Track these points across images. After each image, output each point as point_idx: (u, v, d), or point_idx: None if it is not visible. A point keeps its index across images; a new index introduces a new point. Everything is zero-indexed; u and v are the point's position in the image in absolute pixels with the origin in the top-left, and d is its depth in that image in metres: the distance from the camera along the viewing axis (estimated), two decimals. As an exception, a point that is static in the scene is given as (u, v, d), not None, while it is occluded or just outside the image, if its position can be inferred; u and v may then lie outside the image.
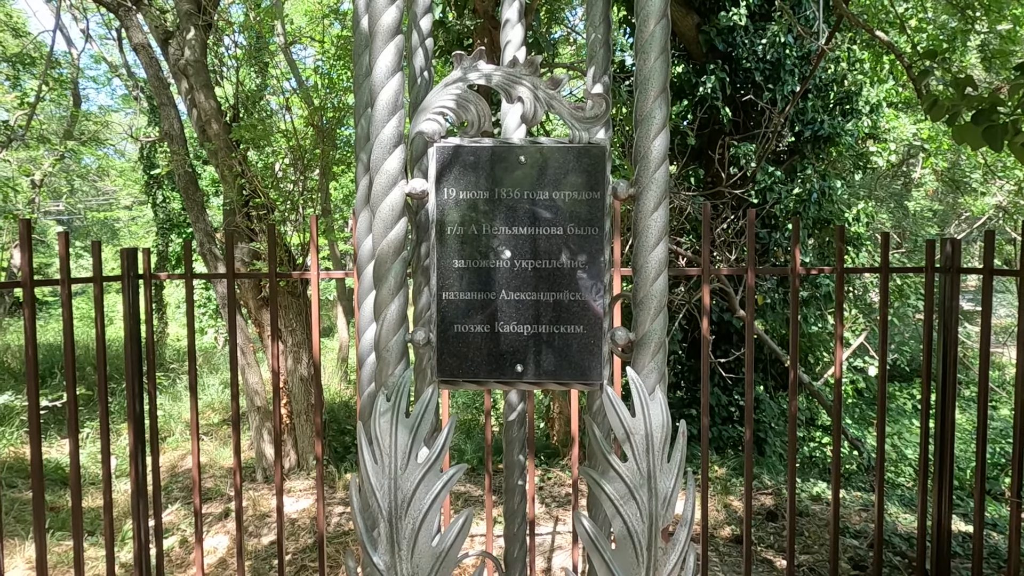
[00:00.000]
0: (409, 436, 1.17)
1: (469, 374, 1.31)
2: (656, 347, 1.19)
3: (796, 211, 6.73)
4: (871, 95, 7.18)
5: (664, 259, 1.20)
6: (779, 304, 7.09)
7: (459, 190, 1.29)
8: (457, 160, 1.28)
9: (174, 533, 4.93)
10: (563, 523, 4.86)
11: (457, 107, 1.23)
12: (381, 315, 1.19)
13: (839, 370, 3.34)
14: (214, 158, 5.69)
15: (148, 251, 3.21)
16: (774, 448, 6.99)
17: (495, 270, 1.30)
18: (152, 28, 5.75)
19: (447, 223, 1.30)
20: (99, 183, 19.91)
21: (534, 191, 1.29)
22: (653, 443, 1.16)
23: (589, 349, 1.30)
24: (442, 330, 1.31)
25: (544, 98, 1.22)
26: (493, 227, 1.30)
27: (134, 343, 3.31)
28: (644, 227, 1.20)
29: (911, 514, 5.28)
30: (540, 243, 1.30)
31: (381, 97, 1.17)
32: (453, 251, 1.30)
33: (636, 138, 1.21)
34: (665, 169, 1.19)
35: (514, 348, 1.31)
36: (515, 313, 1.30)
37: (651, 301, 1.20)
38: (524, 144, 1.30)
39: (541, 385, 1.32)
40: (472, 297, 1.30)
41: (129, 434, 3.32)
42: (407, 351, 1.24)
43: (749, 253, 3.15)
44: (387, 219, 1.18)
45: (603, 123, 1.26)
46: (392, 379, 1.19)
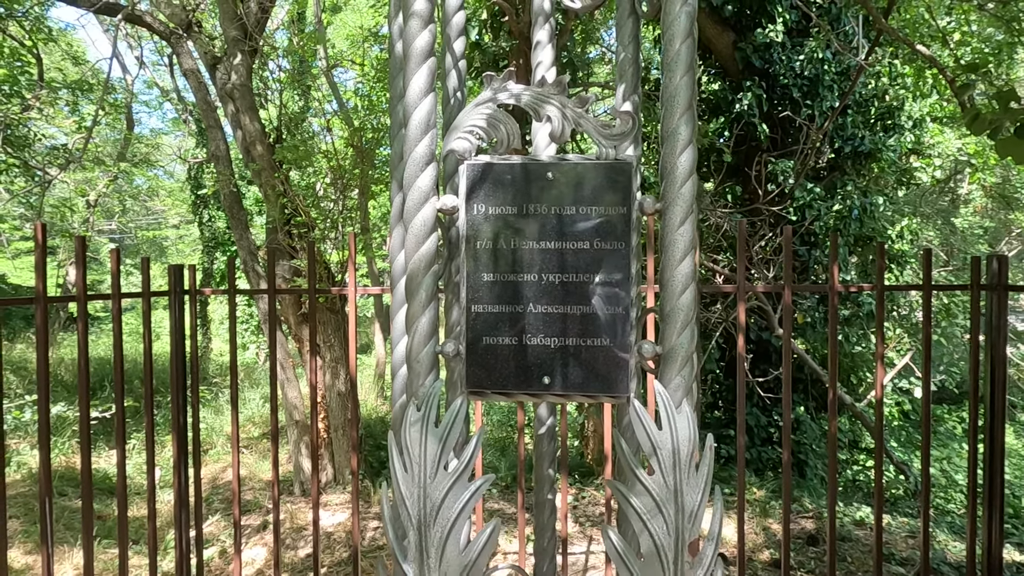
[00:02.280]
0: (438, 446, 1.19)
1: (497, 385, 1.34)
2: (683, 361, 1.20)
3: (836, 228, 6.60)
4: (914, 110, 7.04)
5: (691, 273, 1.20)
6: (820, 323, 6.93)
7: (489, 206, 1.33)
8: (487, 177, 1.32)
9: (214, 544, 5.03)
10: (597, 542, 4.81)
11: (487, 126, 1.27)
12: (412, 327, 1.23)
13: (880, 391, 3.26)
14: (258, 178, 5.88)
15: (193, 268, 3.33)
16: (815, 471, 6.80)
17: (523, 284, 1.33)
18: (201, 54, 5.99)
19: (477, 238, 1.34)
20: (149, 203, 20.68)
21: (562, 207, 1.32)
22: (680, 457, 1.16)
23: (616, 362, 1.31)
24: (471, 342, 1.34)
25: (572, 116, 1.25)
26: (522, 242, 1.33)
27: (179, 357, 3.43)
28: (670, 242, 1.22)
29: (961, 542, 5.08)
30: (567, 258, 1.33)
31: (414, 117, 1.21)
32: (483, 265, 1.34)
33: (662, 154, 1.23)
34: (691, 185, 1.20)
35: (541, 360, 1.33)
36: (543, 326, 1.33)
37: (678, 315, 1.20)
38: (552, 161, 1.33)
39: (568, 398, 1.34)
40: (501, 310, 1.33)
41: (173, 446, 3.42)
42: (438, 362, 1.27)
43: (786, 271, 3.12)
44: (419, 234, 1.22)
45: (630, 140, 1.28)
46: (423, 390, 1.23)
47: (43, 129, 11.51)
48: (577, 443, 7.07)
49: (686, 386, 1.20)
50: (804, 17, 6.59)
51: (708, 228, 6.03)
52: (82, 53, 12.92)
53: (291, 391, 6.05)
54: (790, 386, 3.08)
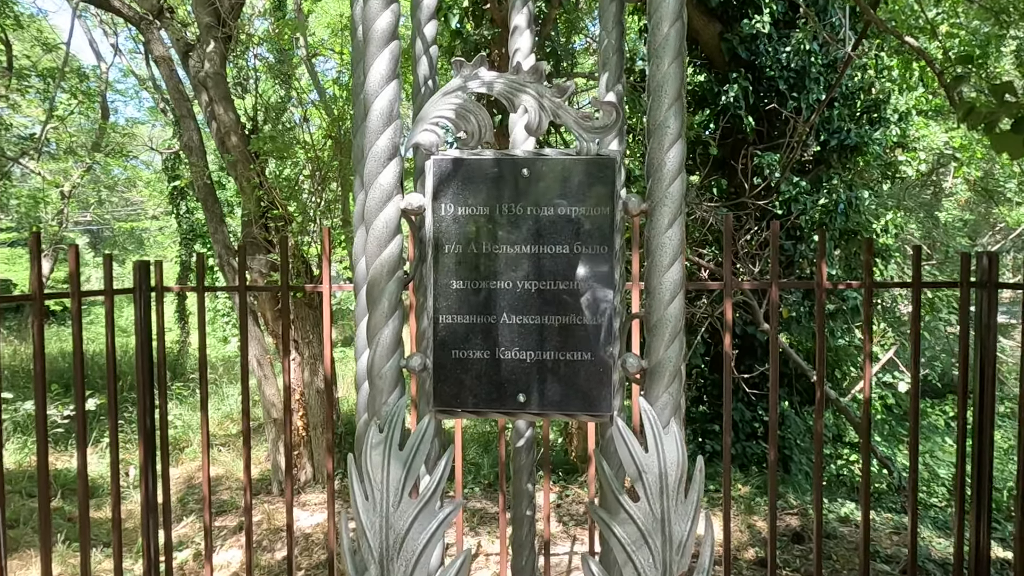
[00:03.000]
0: (402, 470, 1.08)
1: (468, 404, 1.22)
2: (671, 376, 1.09)
3: (822, 222, 6.55)
4: (899, 103, 6.99)
5: (680, 280, 1.10)
6: (805, 317, 6.89)
7: (457, 205, 1.20)
8: (456, 174, 1.20)
9: (189, 546, 4.89)
10: (580, 542, 4.73)
11: (456, 117, 1.15)
12: (374, 340, 1.11)
13: (868, 388, 3.19)
14: (233, 170, 5.70)
15: (160, 264, 3.18)
16: (800, 466, 6.77)
17: (496, 292, 1.21)
18: (173, 41, 5.79)
19: (444, 241, 1.22)
20: (126, 194, 20.24)
21: (538, 206, 1.20)
22: (667, 482, 1.05)
23: (598, 378, 1.20)
24: (439, 356, 1.22)
25: (550, 107, 1.13)
26: (494, 245, 1.21)
27: (145, 356, 3.28)
28: (658, 245, 1.10)
29: (945, 538, 5.06)
30: (544, 263, 1.21)
31: (375, 107, 1.09)
32: (451, 271, 1.21)
33: (649, 149, 1.11)
34: (681, 183, 1.09)
35: (516, 376, 1.21)
36: (517, 338, 1.21)
37: (665, 325, 1.10)
38: (527, 156, 1.20)
39: (545, 416, 1.22)
40: (471, 321, 1.21)
41: (140, 449, 3.28)
42: (402, 378, 1.16)
43: (773, 266, 3.03)
44: (381, 236, 1.10)
45: (614, 133, 1.17)
46: (385, 408, 1.11)
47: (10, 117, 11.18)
48: (561, 440, 6.99)
49: (674, 403, 1.09)
50: (791, 8, 6.51)
51: (694, 222, 5.95)
52: (52, 40, 12.54)
53: (268, 388, 5.90)
54: (777, 384, 2.99)
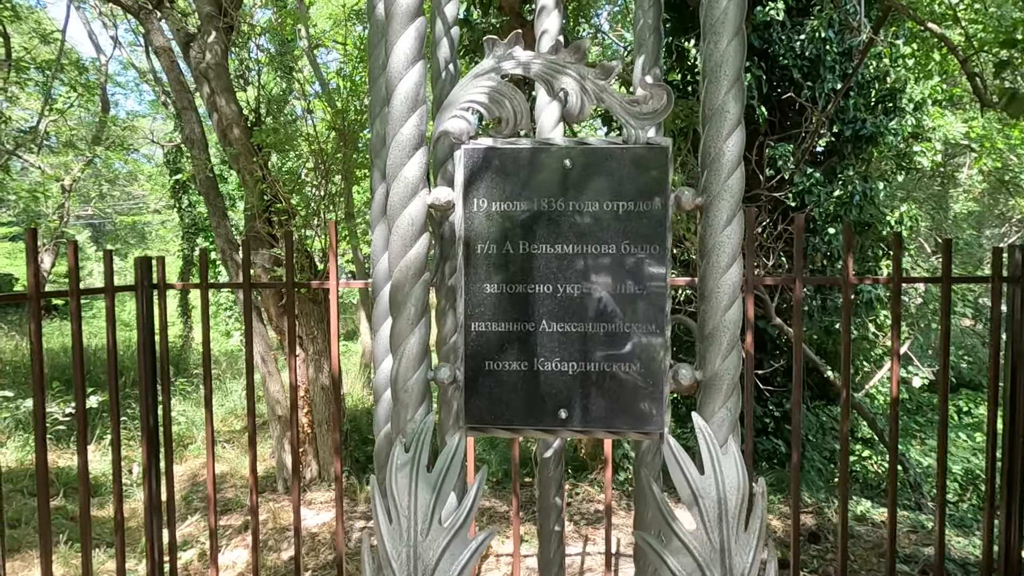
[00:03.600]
0: (431, 495, 0.97)
1: (502, 420, 1.10)
2: (728, 389, 0.98)
3: (836, 215, 6.42)
4: (915, 92, 6.83)
5: (738, 282, 0.98)
6: (817, 311, 6.77)
7: (491, 201, 1.08)
8: (489, 165, 1.08)
9: (193, 546, 4.81)
10: (593, 543, 4.64)
11: (489, 102, 1.03)
12: (399, 349, 1.00)
13: (896, 387, 3.07)
14: (235, 163, 5.59)
15: (163, 260, 3.08)
16: (812, 463, 6.67)
17: (534, 297, 1.09)
18: (174, 31, 5.67)
19: (477, 240, 1.09)
20: (128, 188, 20.12)
21: (581, 202, 1.08)
22: (727, 508, 0.94)
23: (647, 391, 1.08)
24: (470, 367, 1.10)
25: (593, 90, 1.01)
26: (532, 245, 1.09)
27: (147, 354, 3.18)
28: (715, 244, 0.99)
29: (963, 536, 4.95)
30: (588, 264, 1.09)
31: (399, 90, 0.97)
32: (484, 274, 1.09)
33: (705, 137, 1.00)
34: (740, 175, 0.98)
35: (557, 390, 1.10)
36: (558, 348, 1.09)
37: (723, 333, 0.98)
38: (569, 145, 1.08)
39: (589, 434, 1.11)
40: (506, 329, 1.09)
41: (143, 449, 3.18)
42: (429, 391, 1.05)
43: (797, 261, 2.91)
44: (406, 235, 0.99)
45: (663, 119, 1.05)
46: (411, 426, 1.00)
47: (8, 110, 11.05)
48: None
49: (732, 420, 0.98)
50: (805, -5, 6.36)
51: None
52: (50, 32, 12.39)
53: (272, 384, 5.80)
54: (801, 384, 2.88)
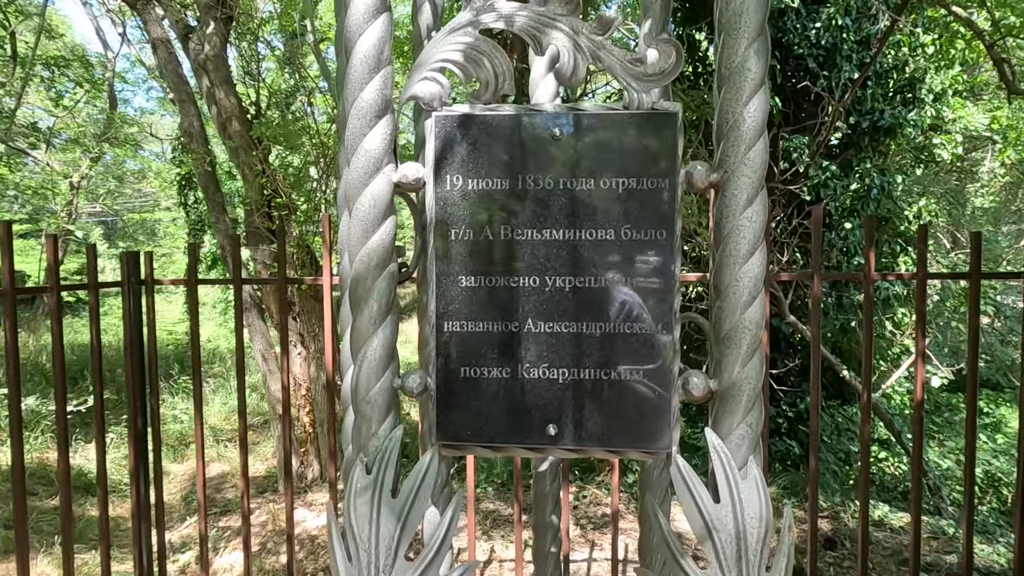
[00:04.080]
0: (396, 525, 0.82)
1: (481, 436, 0.93)
2: (749, 402, 0.82)
3: (853, 209, 6.21)
4: (935, 82, 6.60)
5: (760, 275, 0.82)
6: (833, 309, 6.57)
7: (467, 177, 0.91)
8: (465, 135, 0.91)
9: (192, 547, 4.69)
10: (600, 548, 4.48)
11: (465, 61, 0.87)
12: (359, 353, 0.84)
13: (920, 391, 2.89)
14: (235, 157, 5.47)
15: (150, 255, 2.96)
16: (828, 465, 6.47)
17: (518, 291, 0.92)
18: (172, 23, 5.56)
19: (450, 224, 0.93)
20: (138, 185, 20.15)
21: (574, 179, 0.91)
22: (747, 543, 0.78)
23: (653, 403, 0.91)
24: (444, 375, 0.93)
25: (588, 47, 0.85)
26: (515, 230, 0.92)
27: (135, 352, 3.04)
28: (733, 229, 0.83)
29: (987, 543, 4.75)
30: (583, 252, 0.92)
31: (359, 47, 0.81)
32: (459, 264, 0.93)
33: (721, 102, 0.84)
34: (764, 145, 0.82)
35: (545, 401, 0.93)
36: (547, 352, 0.93)
37: (742, 335, 0.82)
38: (559, 112, 0.91)
39: (583, 453, 0.94)
40: (485, 329, 0.92)
41: (130, 450, 3.05)
42: (397, 402, 0.89)
43: (815, 256, 2.73)
44: (366, 219, 0.83)
45: (669, 81, 0.89)
46: (374, 442, 0.84)
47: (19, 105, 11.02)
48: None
49: (753, 438, 0.82)
50: (822, -20, 6.14)
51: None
52: (55, 28, 12.36)
53: (273, 383, 5.68)
54: (819, 387, 2.70)
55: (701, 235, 5.06)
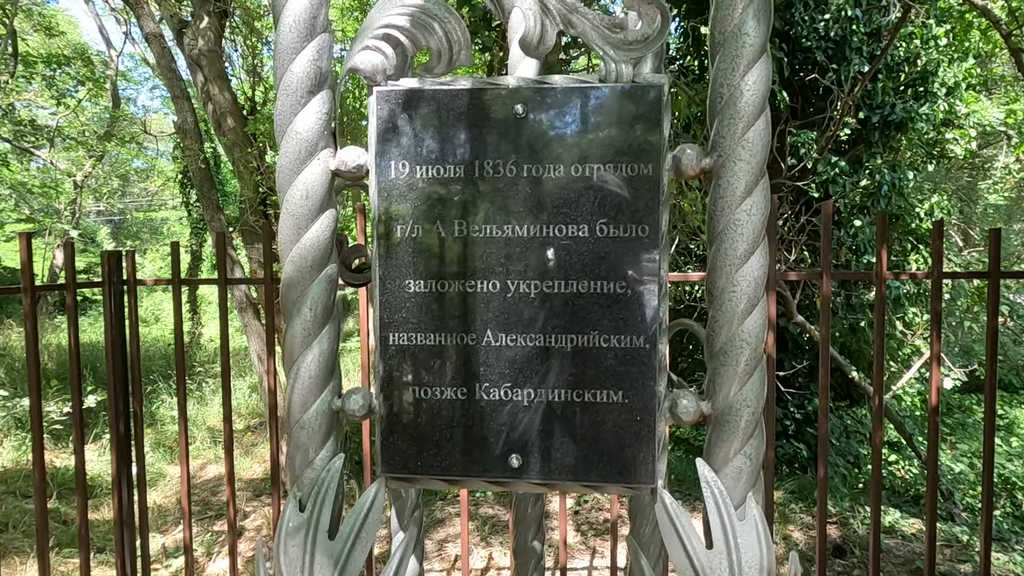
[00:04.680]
0: (333, 572, 0.69)
1: (433, 467, 0.79)
2: (748, 428, 0.69)
3: (863, 206, 6.05)
4: (948, 75, 6.43)
5: (761, 277, 0.69)
6: (841, 308, 6.41)
7: (415, 164, 0.77)
8: (412, 114, 0.77)
9: (184, 553, 4.59)
10: (601, 556, 4.35)
11: (412, 26, 0.74)
12: (292, 368, 0.72)
13: (936, 396, 2.74)
14: (230, 153, 5.38)
15: (132, 254, 2.86)
16: (836, 468, 6.32)
17: (476, 297, 0.78)
18: (167, 17, 5.47)
19: (395, 219, 0.79)
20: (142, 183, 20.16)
21: (541, 165, 0.77)
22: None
23: (635, 429, 0.77)
24: (390, 395, 0.79)
25: (557, 9, 0.72)
26: (471, 226, 0.78)
27: (117, 355, 2.93)
28: (728, 224, 0.69)
29: (1002, 551, 4.60)
30: (552, 252, 0.79)
31: (288, 9, 0.68)
32: (405, 266, 0.79)
33: (714, 72, 0.71)
34: (765, 124, 0.68)
35: (508, 427, 0.80)
36: (509, 369, 0.79)
37: (739, 350, 0.69)
38: (523, 86, 0.77)
39: (553, 487, 0.80)
40: (437, 342, 0.79)
41: (112, 455, 2.94)
42: (337, 427, 0.77)
43: (824, 255, 2.58)
44: (298, 213, 0.70)
45: (655, 49, 0.75)
46: (310, 473, 0.71)
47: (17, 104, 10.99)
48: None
49: (752, 471, 0.69)
50: (830, -29, 5.99)
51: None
52: (58, 26, 12.32)
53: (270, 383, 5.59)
54: (827, 391, 2.55)
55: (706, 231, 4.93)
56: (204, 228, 13.57)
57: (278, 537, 0.72)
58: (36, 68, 11.55)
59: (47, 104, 12.92)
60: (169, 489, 5.94)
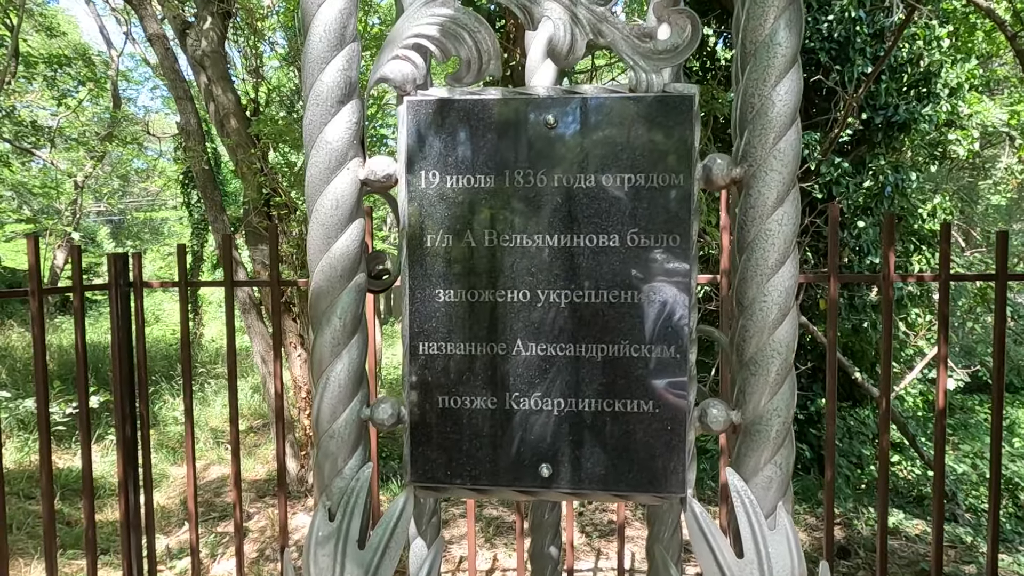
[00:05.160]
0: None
1: (463, 476, 0.80)
2: (778, 437, 0.69)
3: (867, 207, 6.06)
4: (951, 77, 6.43)
5: (792, 288, 0.69)
6: (844, 309, 6.42)
7: (445, 174, 0.78)
8: (443, 124, 0.77)
9: (188, 554, 4.59)
10: (606, 558, 4.35)
11: (442, 36, 0.74)
12: (321, 379, 0.72)
13: (943, 397, 2.73)
14: (233, 154, 5.38)
15: (139, 255, 2.86)
16: (840, 469, 6.32)
17: (506, 307, 0.79)
18: (170, 18, 5.47)
19: (426, 228, 0.79)
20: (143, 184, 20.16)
21: (572, 175, 0.77)
22: (777, 608, 0.66)
23: (665, 439, 0.77)
24: (419, 404, 0.79)
25: (588, 19, 0.72)
26: (502, 235, 0.78)
27: (123, 357, 2.94)
28: (759, 234, 0.69)
29: (1007, 552, 4.60)
30: (582, 262, 0.79)
31: (318, 18, 0.69)
32: (436, 275, 0.79)
33: (744, 83, 0.71)
34: (796, 135, 0.68)
35: (538, 437, 0.80)
36: (539, 379, 0.79)
37: (770, 359, 0.69)
38: (554, 96, 0.77)
39: (582, 496, 0.81)
40: (467, 351, 0.79)
41: (118, 457, 2.94)
42: (365, 436, 0.77)
43: (831, 257, 2.58)
44: (328, 222, 0.70)
45: (683, 59, 0.75)
46: (339, 482, 0.72)
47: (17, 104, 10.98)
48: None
49: (783, 480, 0.69)
50: (834, -29, 5.99)
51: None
52: (56, 27, 12.31)
53: (274, 386, 5.58)
54: (835, 395, 2.55)
55: (710, 234, 4.92)
56: (205, 228, 13.56)
57: (307, 546, 0.72)
58: (37, 68, 11.54)
59: (48, 104, 12.93)
60: (172, 490, 5.94)
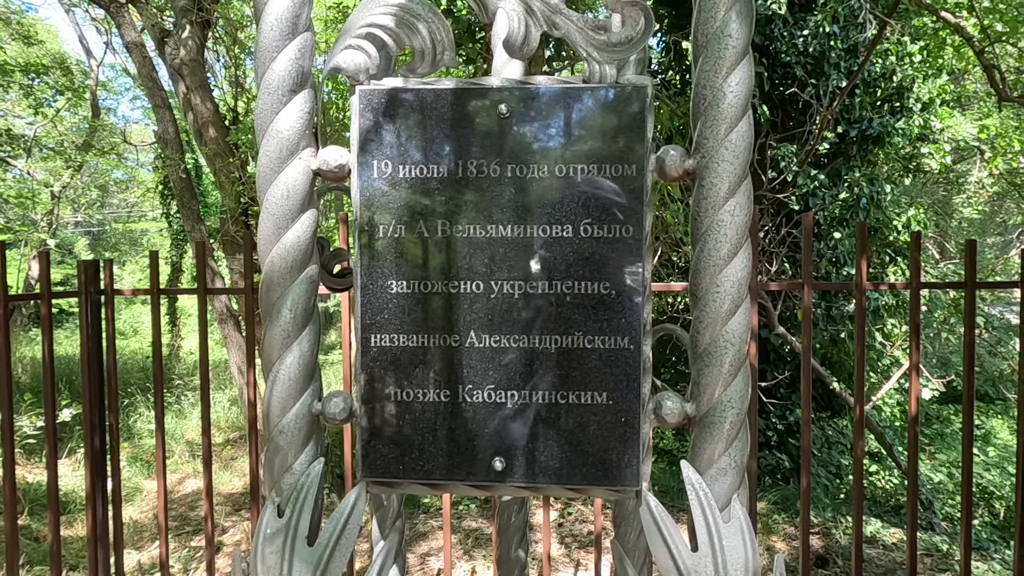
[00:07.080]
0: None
1: (416, 471, 0.78)
2: (732, 429, 0.69)
3: (843, 218, 6.15)
4: (923, 91, 6.58)
5: (744, 279, 0.69)
6: (822, 319, 6.49)
7: (397, 164, 0.77)
8: (395, 114, 0.76)
9: (160, 570, 4.49)
10: (584, 569, 4.32)
11: (396, 26, 0.73)
12: (271, 372, 0.71)
13: (915, 404, 2.76)
14: (211, 163, 5.34)
15: (111, 263, 2.81)
16: (818, 479, 6.36)
17: (459, 298, 0.78)
18: (148, 26, 5.44)
19: (378, 219, 0.78)
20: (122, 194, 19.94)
21: (525, 165, 0.77)
22: (731, 601, 0.65)
23: (619, 431, 0.77)
24: (371, 398, 0.78)
25: (541, 11, 0.72)
26: (455, 226, 0.78)
27: (93, 367, 2.87)
28: (712, 225, 0.69)
29: (981, 560, 4.64)
30: (535, 252, 0.79)
31: (270, 7, 0.68)
32: (388, 266, 0.78)
33: (697, 74, 0.71)
34: (748, 126, 0.69)
35: (491, 430, 0.79)
36: (492, 371, 0.78)
37: (723, 350, 0.69)
38: (507, 86, 0.77)
39: (537, 490, 0.79)
40: (419, 343, 0.78)
41: (86, 470, 2.87)
42: (317, 431, 0.75)
43: (806, 266, 2.61)
44: (279, 212, 0.69)
45: (639, 51, 0.76)
46: (289, 478, 0.70)
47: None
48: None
49: (737, 472, 0.69)
50: (808, -13, 6.11)
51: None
52: (34, 35, 12.17)
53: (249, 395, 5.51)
54: (809, 402, 2.57)
55: (688, 243, 4.96)
56: (185, 239, 13.42)
57: (255, 543, 0.70)
58: (13, 77, 11.40)
59: (24, 113, 12.77)
60: (146, 504, 5.82)
